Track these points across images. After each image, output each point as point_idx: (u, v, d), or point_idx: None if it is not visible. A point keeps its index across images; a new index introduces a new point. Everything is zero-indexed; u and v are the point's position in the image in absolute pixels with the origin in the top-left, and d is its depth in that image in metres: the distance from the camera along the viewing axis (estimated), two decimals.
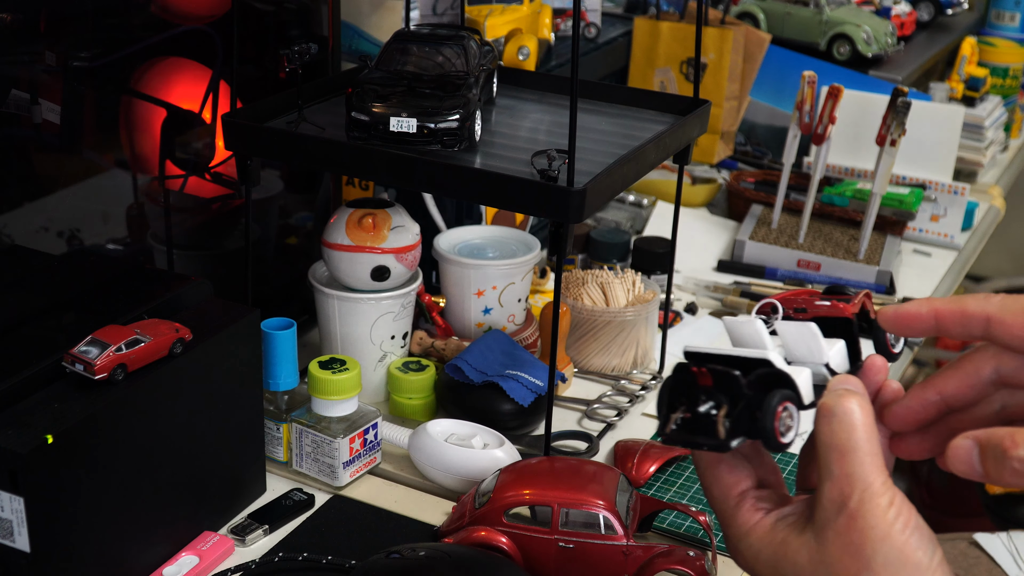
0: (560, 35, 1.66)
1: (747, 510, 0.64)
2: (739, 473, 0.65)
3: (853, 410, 0.60)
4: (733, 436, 0.60)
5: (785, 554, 0.61)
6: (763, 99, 1.97)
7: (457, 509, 0.97)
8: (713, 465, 0.66)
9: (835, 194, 1.71)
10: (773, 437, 0.60)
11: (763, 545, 0.62)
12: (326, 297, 1.17)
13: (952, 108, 1.87)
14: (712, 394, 0.61)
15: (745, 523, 0.64)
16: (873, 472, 0.59)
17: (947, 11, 2.42)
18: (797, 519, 0.62)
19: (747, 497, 0.65)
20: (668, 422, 0.63)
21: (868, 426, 0.60)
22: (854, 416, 0.60)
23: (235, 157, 1.08)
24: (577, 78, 0.94)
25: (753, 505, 0.64)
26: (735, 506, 0.65)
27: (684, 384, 0.63)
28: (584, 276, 1.34)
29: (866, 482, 0.59)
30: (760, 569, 0.63)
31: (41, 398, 0.83)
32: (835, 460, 0.59)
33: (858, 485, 0.59)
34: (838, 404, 0.60)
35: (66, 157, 1.11)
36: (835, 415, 0.60)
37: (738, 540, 0.64)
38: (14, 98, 1.02)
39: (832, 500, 0.59)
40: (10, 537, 0.80)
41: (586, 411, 1.22)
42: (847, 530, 0.58)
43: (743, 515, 0.64)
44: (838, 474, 0.59)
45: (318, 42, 1.17)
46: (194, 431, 0.94)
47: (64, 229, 1.10)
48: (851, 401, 0.60)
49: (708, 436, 0.61)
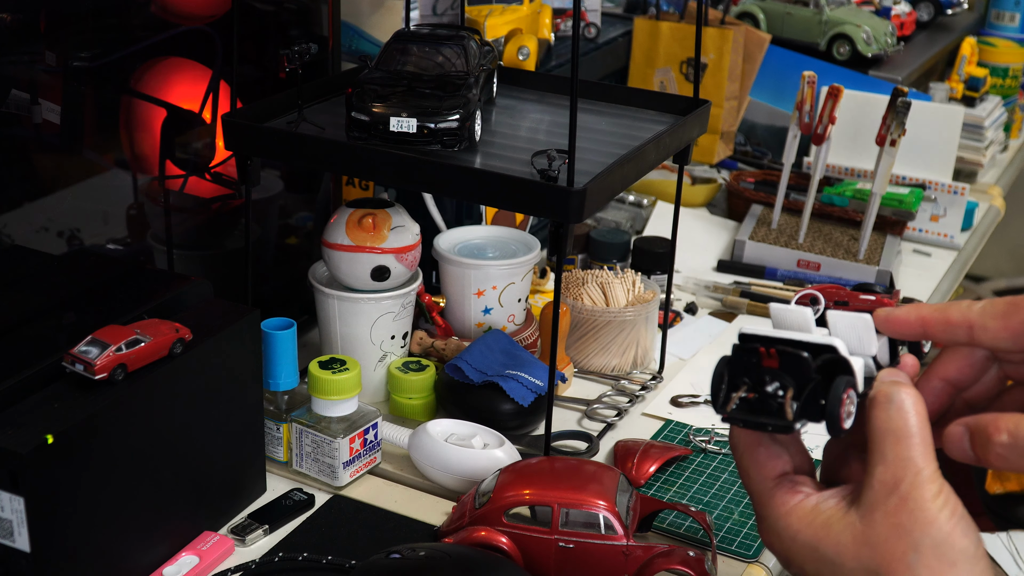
0: (560, 35, 1.66)
1: (786, 491, 0.65)
2: (778, 457, 0.66)
3: (911, 398, 0.62)
4: (799, 418, 0.61)
5: (828, 535, 0.62)
6: (763, 99, 1.97)
7: (457, 509, 0.97)
8: (752, 448, 0.67)
9: (835, 194, 1.71)
10: (837, 422, 0.61)
11: (803, 525, 0.63)
12: (326, 297, 1.17)
13: (952, 108, 1.87)
14: (778, 376, 0.62)
15: (784, 503, 0.64)
16: (926, 459, 0.61)
17: (947, 11, 2.42)
18: (840, 501, 0.63)
19: (784, 481, 0.66)
20: (729, 401, 0.63)
21: (923, 415, 0.62)
22: (911, 404, 0.62)
23: (235, 157, 1.08)
24: (577, 78, 0.94)
25: (792, 487, 0.65)
26: (774, 487, 0.65)
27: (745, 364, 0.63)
28: (584, 276, 1.34)
29: (919, 467, 0.60)
30: (797, 550, 0.63)
31: (41, 398, 0.83)
32: (891, 444, 0.61)
33: (911, 469, 0.60)
34: (896, 392, 0.62)
35: (66, 157, 1.11)
36: (893, 402, 0.61)
37: (775, 520, 0.65)
38: (14, 98, 1.02)
39: (884, 483, 0.60)
40: (10, 537, 0.80)
41: (586, 411, 1.22)
42: (896, 511, 0.60)
43: (782, 496, 0.65)
44: (892, 458, 0.61)
45: (318, 42, 1.17)
46: (194, 431, 0.94)
47: (64, 229, 1.10)
48: (907, 389, 0.62)
49: (774, 417, 0.62)
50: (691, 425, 1.21)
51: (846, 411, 0.62)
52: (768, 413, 0.62)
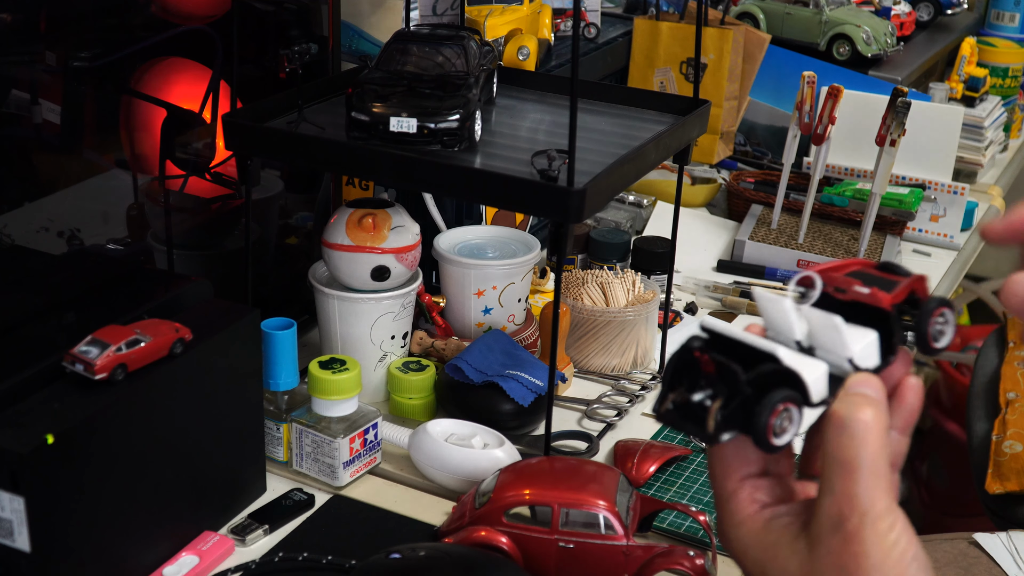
0: (560, 35, 1.66)
1: (743, 499, 0.61)
2: (745, 456, 0.62)
3: (865, 423, 0.56)
4: (723, 430, 0.57)
5: (775, 556, 0.59)
6: (763, 99, 1.97)
7: (457, 509, 0.97)
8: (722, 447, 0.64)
9: (835, 194, 1.71)
10: (764, 438, 0.57)
11: (753, 541, 0.60)
12: (326, 297, 1.17)
13: (952, 108, 1.87)
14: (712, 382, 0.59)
15: (738, 512, 0.61)
16: (876, 494, 0.55)
17: (947, 11, 2.42)
18: (792, 522, 0.60)
19: (745, 485, 0.61)
20: (664, 401, 0.61)
21: (878, 442, 0.56)
22: (865, 430, 0.56)
23: (235, 157, 1.08)
24: (577, 78, 0.94)
25: (750, 495, 0.61)
26: (732, 492, 0.61)
27: (688, 363, 0.61)
28: (584, 276, 1.34)
29: (867, 505, 0.55)
30: (747, 565, 0.61)
31: (41, 398, 0.83)
32: (838, 476, 0.56)
33: (858, 507, 0.55)
34: (850, 415, 0.56)
35: (66, 157, 1.11)
36: (845, 427, 0.56)
37: (729, 528, 0.61)
38: (14, 98, 1.02)
39: (829, 516, 0.56)
40: (10, 537, 0.80)
41: (586, 411, 1.22)
42: (840, 551, 0.55)
43: (738, 503, 0.61)
44: (839, 491, 0.56)
45: (318, 42, 1.17)
46: (194, 431, 0.94)
47: (64, 229, 1.10)
48: (865, 411, 0.56)
49: (698, 426, 0.59)
50: None
51: (778, 427, 0.57)
52: (694, 420, 0.59)
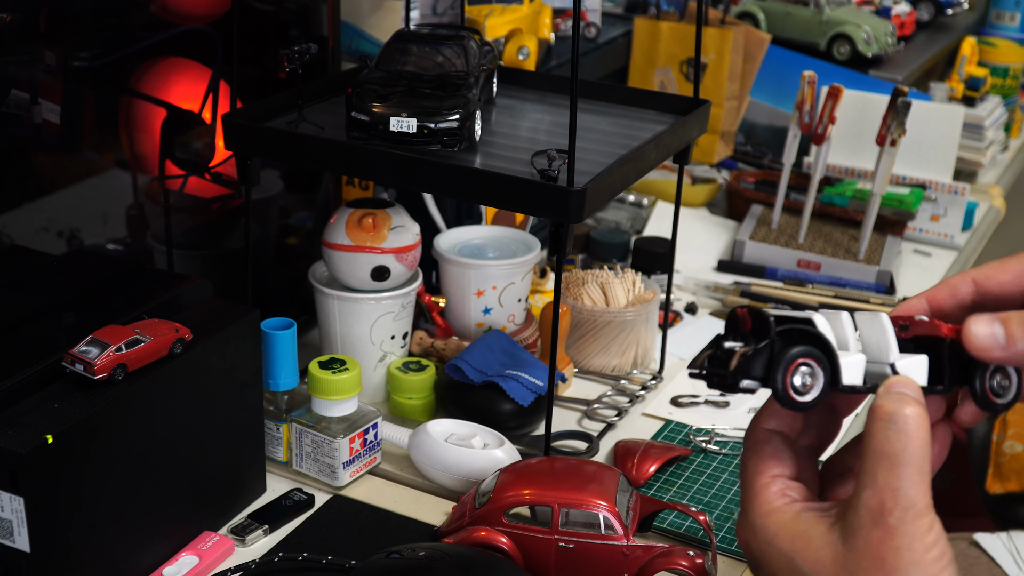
0: (560, 35, 1.66)
1: (775, 492, 0.61)
2: (780, 459, 0.63)
3: (913, 419, 0.56)
4: (742, 373, 0.58)
5: (806, 547, 0.59)
6: (763, 99, 1.97)
7: (457, 509, 0.97)
8: (760, 444, 0.63)
9: (835, 194, 1.71)
10: (782, 388, 0.57)
11: (782, 530, 0.60)
12: (326, 297, 1.17)
13: (952, 108, 1.87)
14: (745, 337, 0.60)
15: (768, 502, 0.61)
16: (921, 491, 0.56)
17: (947, 11, 2.42)
18: (824, 515, 0.60)
19: (777, 481, 0.62)
20: (701, 356, 0.61)
21: (925, 439, 0.56)
22: (912, 426, 0.56)
23: (235, 157, 1.08)
24: (577, 78, 0.94)
25: (782, 490, 0.61)
26: (765, 484, 0.62)
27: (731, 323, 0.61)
28: (584, 276, 1.34)
29: (911, 500, 0.56)
30: (772, 555, 0.60)
31: (41, 398, 0.83)
32: (883, 469, 0.56)
33: (902, 501, 0.56)
34: (898, 410, 0.56)
35: (66, 157, 1.11)
36: (894, 421, 0.56)
37: (756, 517, 0.61)
38: (14, 98, 1.02)
39: (870, 509, 0.56)
40: (10, 537, 0.80)
41: (586, 411, 1.22)
42: (880, 544, 0.56)
43: (769, 494, 0.61)
44: (883, 484, 0.56)
45: (318, 42, 1.17)
46: (194, 431, 0.94)
47: (64, 229, 1.10)
48: (912, 408, 0.56)
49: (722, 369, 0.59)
50: (691, 425, 1.21)
51: (799, 381, 0.57)
52: (720, 365, 0.60)
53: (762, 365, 0.58)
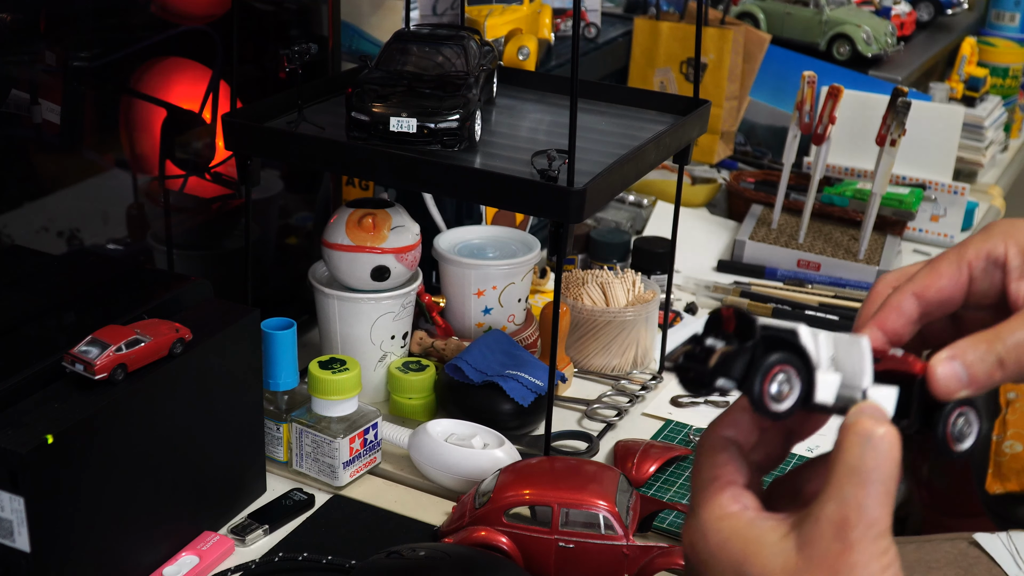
0: (560, 35, 1.66)
1: (730, 497, 0.61)
2: (735, 467, 0.62)
3: (888, 439, 0.56)
4: (721, 372, 0.57)
5: (757, 553, 0.58)
6: (763, 99, 1.97)
7: (457, 509, 0.97)
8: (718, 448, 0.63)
9: (835, 194, 1.71)
10: (759, 392, 0.57)
11: (735, 535, 0.59)
12: (326, 297, 1.17)
13: (952, 108, 1.87)
14: (727, 337, 0.60)
15: (723, 507, 0.60)
16: (885, 512, 0.56)
17: (947, 11, 2.42)
18: (778, 524, 0.59)
19: (732, 487, 0.61)
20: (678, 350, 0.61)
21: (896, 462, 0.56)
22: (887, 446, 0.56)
23: (235, 157, 1.08)
24: (577, 78, 0.94)
25: (736, 498, 0.61)
26: (719, 489, 0.61)
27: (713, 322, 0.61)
28: (584, 276, 1.34)
29: (874, 519, 0.56)
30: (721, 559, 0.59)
31: (41, 398, 0.83)
32: (852, 485, 0.56)
33: (865, 519, 0.55)
34: (876, 430, 0.56)
35: (66, 157, 1.11)
36: (870, 440, 0.56)
37: (708, 520, 0.60)
38: (14, 98, 1.02)
39: (832, 522, 0.56)
40: (10, 537, 0.80)
41: (586, 411, 1.22)
42: (837, 558, 0.55)
43: (723, 499, 0.61)
44: (849, 499, 0.56)
45: (318, 42, 1.17)
46: (194, 431, 0.94)
47: (64, 229, 1.10)
48: (890, 432, 0.56)
49: (701, 366, 0.59)
50: (691, 425, 1.21)
51: (776, 388, 0.57)
52: (698, 360, 0.60)
53: (742, 366, 0.57)
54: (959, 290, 0.64)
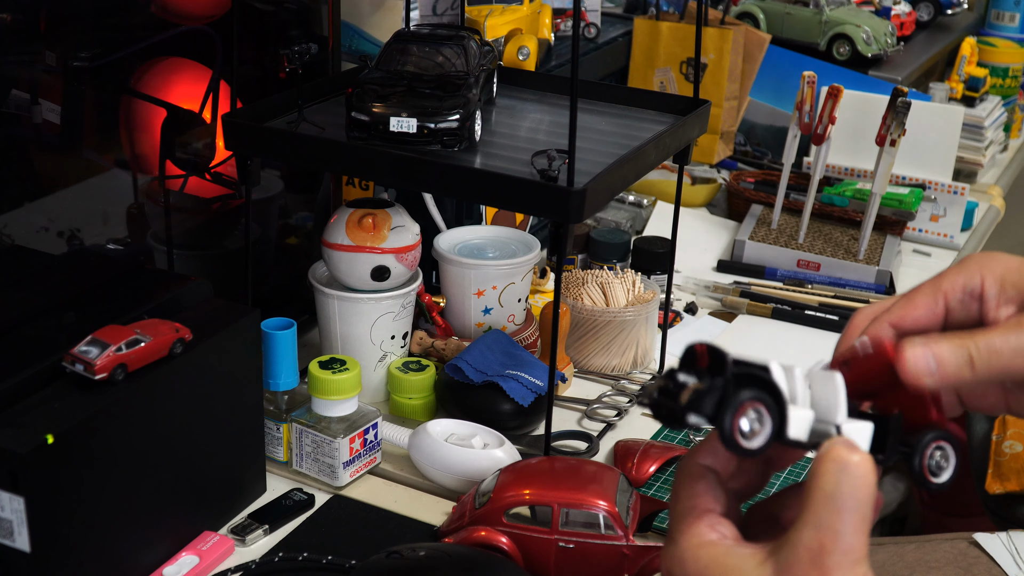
0: (560, 35, 1.66)
1: (707, 526, 0.62)
2: (714, 495, 0.63)
3: (863, 467, 0.57)
4: (693, 408, 0.57)
5: None
6: (763, 99, 1.97)
7: (457, 509, 0.97)
8: (696, 476, 0.65)
9: (835, 194, 1.71)
10: (729, 430, 0.57)
11: (713, 563, 0.60)
12: (326, 297, 1.17)
13: (952, 108, 1.88)
14: (700, 373, 0.60)
15: (702, 535, 0.61)
16: (860, 539, 0.57)
17: (947, 11, 2.42)
18: (755, 551, 0.60)
19: (711, 515, 0.63)
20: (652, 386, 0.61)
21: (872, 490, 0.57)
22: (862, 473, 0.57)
23: (235, 157, 1.08)
24: (577, 78, 0.94)
25: (713, 525, 0.62)
26: (698, 517, 0.62)
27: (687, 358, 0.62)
28: (584, 276, 1.34)
29: (850, 545, 0.56)
30: None
31: (41, 398, 0.83)
32: (829, 512, 0.57)
33: (841, 545, 0.56)
34: (852, 458, 0.57)
35: (66, 157, 1.11)
36: (847, 468, 0.57)
37: (688, 549, 0.61)
38: (14, 98, 1.02)
39: (809, 548, 0.57)
40: (10, 537, 0.80)
41: (586, 411, 1.22)
42: None
43: (702, 527, 0.62)
44: (826, 526, 0.57)
45: (318, 42, 1.17)
46: (194, 431, 0.94)
47: (64, 229, 1.10)
48: (867, 462, 0.57)
49: (673, 402, 0.59)
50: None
51: (746, 425, 0.57)
52: (671, 397, 0.60)
53: (713, 403, 0.58)
54: (935, 321, 0.65)
